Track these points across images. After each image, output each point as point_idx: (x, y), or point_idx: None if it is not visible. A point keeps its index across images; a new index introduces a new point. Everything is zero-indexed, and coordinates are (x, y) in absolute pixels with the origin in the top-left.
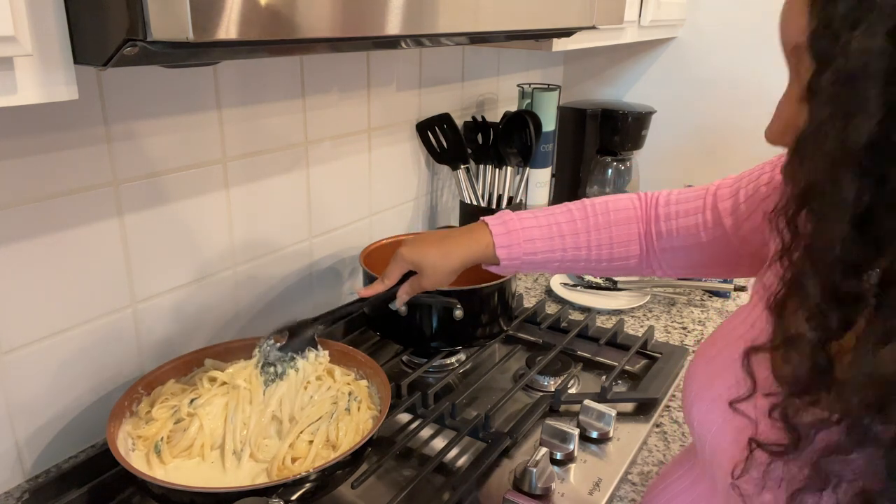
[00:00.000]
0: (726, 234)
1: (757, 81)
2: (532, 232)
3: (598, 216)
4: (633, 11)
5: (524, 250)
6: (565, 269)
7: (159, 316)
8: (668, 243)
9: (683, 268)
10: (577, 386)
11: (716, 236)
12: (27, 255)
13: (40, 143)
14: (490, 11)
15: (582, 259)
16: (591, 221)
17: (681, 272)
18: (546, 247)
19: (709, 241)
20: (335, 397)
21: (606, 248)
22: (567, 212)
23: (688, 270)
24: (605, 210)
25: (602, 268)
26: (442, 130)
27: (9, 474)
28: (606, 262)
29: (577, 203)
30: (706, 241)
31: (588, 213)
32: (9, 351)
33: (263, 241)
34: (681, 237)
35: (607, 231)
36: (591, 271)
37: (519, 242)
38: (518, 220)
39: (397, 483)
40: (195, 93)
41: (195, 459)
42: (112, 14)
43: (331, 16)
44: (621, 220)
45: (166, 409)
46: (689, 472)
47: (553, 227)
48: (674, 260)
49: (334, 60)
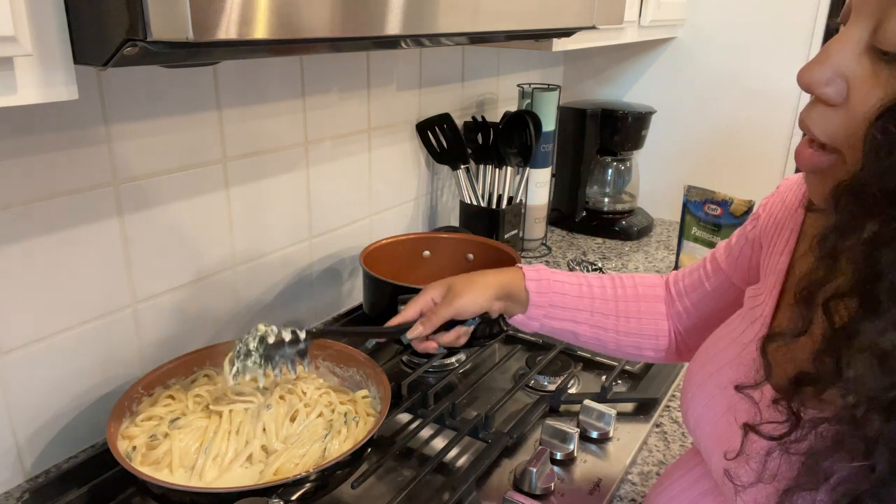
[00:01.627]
0: (727, 277)
1: (757, 81)
2: (563, 286)
3: (627, 288)
4: (633, 11)
5: (553, 290)
6: (592, 331)
7: (159, 316)
8: (681, 305)
9: (703, 328)
10: (577, 386)
11: (719, 282)
12: (27, 255)
13: (40, 143)
14: (490, 11)
15: (611, 316)
16: (620, 292)
17: (703, 337)
18: (575, 292)
19: (713, 288)
20: (329, 423)
21: (635, 320)
22: (597, 277)
23: (708, 332)
24: (633, 283)
25: (631, 343)
26: (442, 130)
27: (9, 474)
28: (636, 337)
29: (604, 276)
30: (711, 289)
31: (616, 283)
32: (9, 351)
33: (263, 241)
34: (689, 294)
35: (636, 305)
36: (619, 342)
37: (549, 282)
38: (550, 271)
39: (397, 483)
40: (195, 93)
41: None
42: (112, 14)
43: (331, 16)
44: (649, 296)
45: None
46: (689, 473)
47: (584, 286)
48: (691, 323)
49: (334, 60)
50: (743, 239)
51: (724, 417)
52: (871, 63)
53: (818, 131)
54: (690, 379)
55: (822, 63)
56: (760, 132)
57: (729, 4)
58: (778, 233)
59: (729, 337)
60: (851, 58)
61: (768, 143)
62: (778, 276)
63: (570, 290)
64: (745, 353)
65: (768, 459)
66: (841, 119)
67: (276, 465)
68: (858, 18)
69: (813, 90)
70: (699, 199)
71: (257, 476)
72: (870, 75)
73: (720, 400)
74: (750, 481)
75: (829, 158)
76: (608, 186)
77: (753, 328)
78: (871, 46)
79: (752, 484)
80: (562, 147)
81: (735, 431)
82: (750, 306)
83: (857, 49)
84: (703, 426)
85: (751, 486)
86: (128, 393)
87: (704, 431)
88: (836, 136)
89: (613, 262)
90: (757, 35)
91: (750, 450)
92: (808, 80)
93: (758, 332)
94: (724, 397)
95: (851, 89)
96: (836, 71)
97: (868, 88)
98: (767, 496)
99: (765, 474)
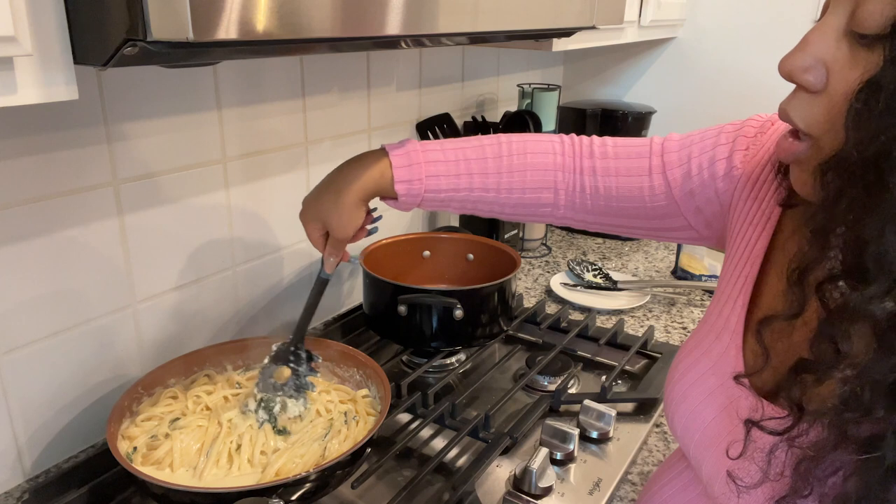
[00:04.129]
0: (676, 206)
1: (757, 81)
2: (437, 167)
3: (514, 157)
4: (633, 11)
5: (426, 187)
6: (467, 210)
7: (159, 316)
8: (603, 201)
9: (610, 224)
10: (577, 386)
11: (664, 204)
12: (27, 255)
13: (40, 143)
14: (490, 11)
15: (488, 201)
16: (505, 162)
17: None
18: (451, 185)
19: (654, 206)
20: (329, 422)
21: (518, 192)
22: (479, 147)
23: (613, 227)
24: (522, 151)
25: (507, 213)
26: (442, 130)
27: (9, 474)
28: (512, 209)
29: (492, 138)
30: (651, 206)
31: (503, 151)
32: (9, 351)
33: (263, 241)
34: (621, 198)
35: (521, 176)
36: (497, 214)
37: (421, 178)
38: (423, 151)
39: (397, 483)
40: (195, 93)
41: (165, 471)
42: (112, 14)
43: (331, 16)
44: (538, 166)
45: (149, 423)
46: (679, 477)
47: (461, 163)
48: (603, 217)
49: (334, 60)
50: (711, 185)
51: (718, 419)
52: (848, 47)
53: (799, 119)
54: (672, 390)
55: (802, 50)
56: None
57: (729, 4)
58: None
59: (709, 336)
60: (830, 43)
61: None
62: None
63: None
64: (728, 350)
65: (773, 456)
66: (822, 105)
67: (277, 465)
68: (836, 7)
69: (794, 77)
70: None
71: (257, 476)
72: (848, 59)
73: (712, 402)
74: (754, 481)
75: (805, 145)
76: None
77: (730, 324)
78: (849, 31)
79: (756, 483)
80: None
81: (732, 431)
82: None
83: (835, 35)
84: (693, 432)
85: (755, 486)
86: (128, 393)
87: (696, 437)
88: (817, 122)
89: (613, 261)
90: (757, 35)
91: (753, 447)
92: (789, 67)
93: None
94: (717, 399)
95: (831, 74)
96: (816, 57)
97: (847, 71)
98: (766, 500)
99: (770, 472)
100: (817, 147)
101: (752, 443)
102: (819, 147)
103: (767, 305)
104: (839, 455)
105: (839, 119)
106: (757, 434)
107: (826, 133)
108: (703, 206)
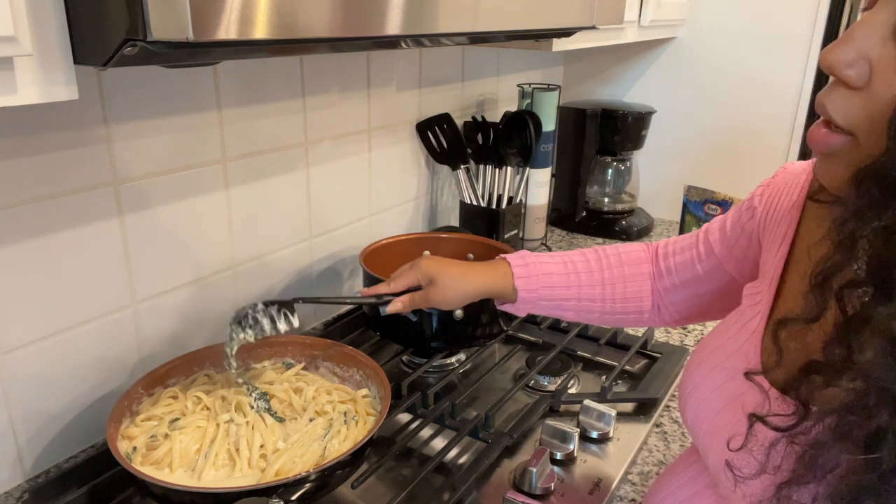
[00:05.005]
0: (720, 263)
1: (757, 81)
2: (549, 267)
3: (614, 269)
4: (633, 11)
5: (542, 283)
6: (579, 312)
7: (159, 316)
8: (669, 282)
9: (687, 307)
10: (577, 386)
11: (711, 266)
12: (27, 255)
13: (40, 143)
14: (490, 11)
15: (597, 300)
16: (607, 274)
17: (686, 313)
18: (562, 282)
19: (705, 272)
20: (329, 421)
21: (621, 300)
22: (581, 254)
23: (692, 310)
24: (619, 263)
25: (615, 320)
26: (442, 130)
27: (9, 474)
28: (620, 315)
29: (590, 250)
30: (703, 272)
31: (603, 264)
32: (9, 351)
33: (263, 242)
34: (679, 273)
35: (622, 285)
36: (604, 320)
37: (537, 275)
38: (535, 257)
39: (397, 483)
40: (195, 93)
41: (164, 471)
42: (112, 14)
43: (331, 16)
44: (636, 275)
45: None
46: (685, 472)
47: (569, 264)
48: (677, 299)
49: (334, 60)
50: (739, 228)
51: (724, 411)
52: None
53: (836, 114)
54: (689, 376)
55: (846, 44)
56: (760, 132)
57: (729, 4)
58: (775, 228)
59: (727, 333)
60: (877, 41)
61: (768, 143)
62: (776, 271)
63: (557, 281)
64: (744, 347)
65: (772, 451)
66: (861, 102)
67: (277, 465)
68: (887, 2)
69: (835, 71)
70: (699, 199)
71: (257, 476)
72: (894, 60)
73: (720, 394)
74: (752, 472)
75: (842, 140)
76: (608, 186)
77: (752, 324)
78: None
79: (754, 475)
80: (562, 147)
81: (736, 423)
82: (749, 304)
83: (883, 32)
84: (702, 421)
85: (752, 478)
86: (128, 393)
87: (703, 427)
88: (856, 119)
89: None
90: (757, 35)
91: (754, 440)
92: (831, 60)
93: (755, 328)
94: (725, 391)
95: (874, 73)
96: (860, 53)
97: (893, 73)
98: (765, 488)
99: (768, 465)
100: (854, 143)
101: (753, 437)
102: (856, 144)
103: (786, 306)
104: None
105: (880, 120)
106: (759, 428)
107: (865, 132)
108: (741, 259)
